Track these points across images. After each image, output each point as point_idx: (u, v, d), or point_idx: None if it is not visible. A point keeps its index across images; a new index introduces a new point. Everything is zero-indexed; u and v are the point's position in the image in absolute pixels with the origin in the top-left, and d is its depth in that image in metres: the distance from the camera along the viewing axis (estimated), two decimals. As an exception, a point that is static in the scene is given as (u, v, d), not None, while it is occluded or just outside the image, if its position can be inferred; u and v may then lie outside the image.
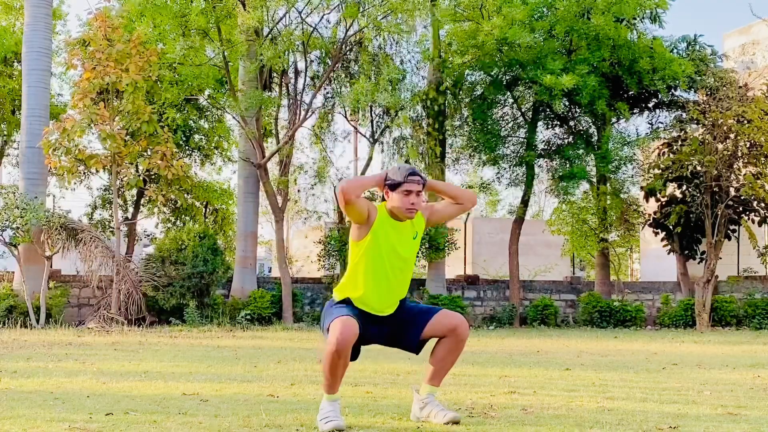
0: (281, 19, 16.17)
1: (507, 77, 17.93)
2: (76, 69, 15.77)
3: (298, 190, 20.23)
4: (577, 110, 18.69)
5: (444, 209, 4.55)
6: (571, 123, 19.11)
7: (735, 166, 16.98)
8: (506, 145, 19.06)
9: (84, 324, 14.38)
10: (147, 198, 17.48)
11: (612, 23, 16.22)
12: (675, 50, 17.95)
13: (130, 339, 11.58)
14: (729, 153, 16.71)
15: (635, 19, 17.38)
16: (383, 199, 4.41)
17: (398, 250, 4.32)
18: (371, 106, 17.63)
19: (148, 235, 19.99)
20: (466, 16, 16.97)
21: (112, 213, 16.83)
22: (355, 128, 19.34)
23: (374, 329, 4.32)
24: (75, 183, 16.31)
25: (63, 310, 14.94)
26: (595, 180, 18.69)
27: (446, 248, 17.44)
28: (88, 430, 4.03)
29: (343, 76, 17.79)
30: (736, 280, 18.80)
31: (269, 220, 26.95)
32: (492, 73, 17.79)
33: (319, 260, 17.75)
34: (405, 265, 4.38)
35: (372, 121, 18.42)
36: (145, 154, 15.26)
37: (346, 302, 4.30)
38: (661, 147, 17.81)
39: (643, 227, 19.44)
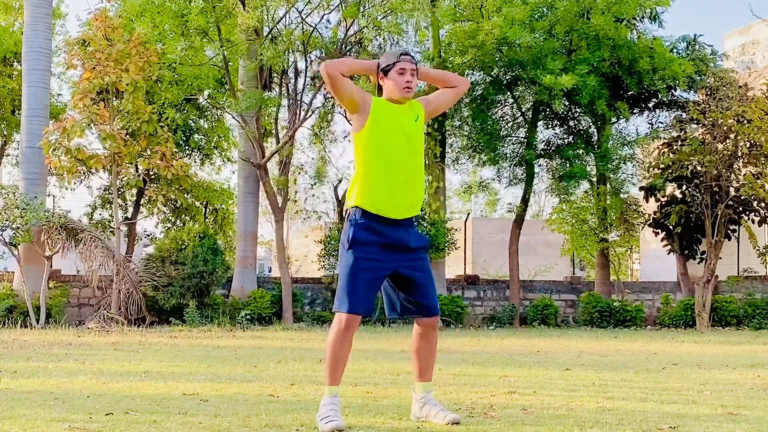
0: (281, 19, 16.18)
1: (507, 77, 17.93)
2: (76, 69, 15.78)
3: (296, 192, 20.24)
4: (577, 110, 18.69)
5: (440, 96, 4.56)
6: (571, 123, 19.11)
7: (735, 166, 16.98)
8: (506, 145, 19.07)
9: (84, 324, 14.38)
10: (147, 198, 17.49)
11: (612, 23, 16.22)
12: (675, 50, 17.95)
13: (130, 339, 11.58)
14: (729, 153, 16.71)
15: (635, 19, 17.39)
16: (379, 94, 4.37)
17: (402, 128, 4.26)
18: (371, 106, 17.60)
19: (148, 235, 20.00)
20: (466, 16, 16.97)
21: (112, 213, 16.83)
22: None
23: (388, 256, 4.21)
24: (75, 183, 16.32)
25: (63, 310, 14.94)
26: (594, 180, 18.69)
27: (446, 248, 17.44)
28: (88, 430, 4.03)
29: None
30: (736, 280, 18.80)
31: (269, 220, 26.96)
32: (492, 73, 17.79)
33: (319, 260, 17.76)
34: (413, 146, 4.29)
35: (372, 121, 18.39)
36: (144, 154, 15.26)
37: (360, 235, 4.19)
38: (661, 147, 17.81)
39: (643, 227, 19.44)
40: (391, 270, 4.27)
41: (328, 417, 4.08)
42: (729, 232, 17.48)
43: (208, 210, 20.45)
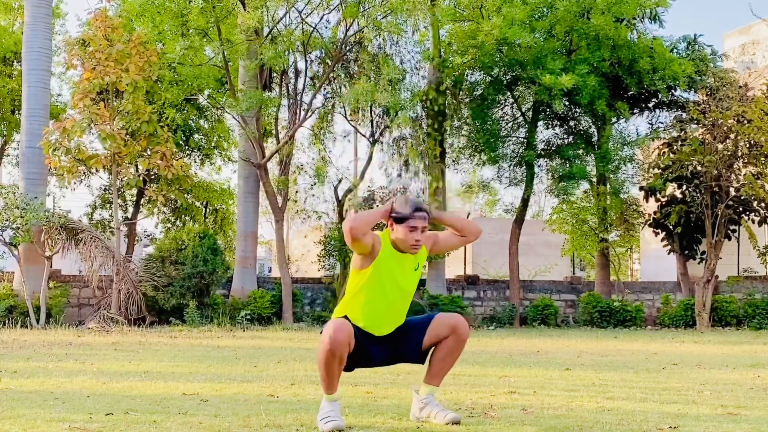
0: (281, 19, 16.18)
1: (507, 77, 17.93)
2: (76, 69, 15.78)
3: (296, 192, 20.23)
4: (577, 110, 18.69)
5: (447, 239, 4.58)
6: (571, 123, 19.11)
7: (735, 166, 16.98)
8: (506, 145, 19.07)
9: (84, 324, 14.38)
10: (147, 198, 17.49)
11: (612, 23, 16.22)
12: (675, 50, 17.95)
13: (130, 339, 11.57)
14: (729, 153, 16.71)
15: (635, 18, 17.39)
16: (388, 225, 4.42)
17: (400, 282, 4.33)
18: (371, 106, 17.63)
19: (148, 235, 20.00)
20: (466, 16, 16.97)
21: (112, 213, 16.83)
22: (355, 128, 19.35)
23: (375, 347, 4.33)
24: (75, 183, 16.32)
25: (63, 310, 14.94)
26: (594, 180, 18.69)
27: (446, 248, 17.40)
28: (88, 430, 4.03)
29: (343, 76, 17.79)
30: (736, 280, 18.80)
31: (269, 220, 26.95)
32: (492, 73, 17.79)
33: (319, 260, 17.75)
34: (406, 297, 4.40)
35: (372, 121, 18.42)
36: (144, 154, 15.26)
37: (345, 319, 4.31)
38: (661, 147, 17.81)
39: (643, 227, 19.44)
40: (378, 352, 4.34)
41: (328, 417, 4.08)
42: (729, 232, 17.48)
43: (208, 210, 20.45)
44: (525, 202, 18.71)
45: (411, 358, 4.43)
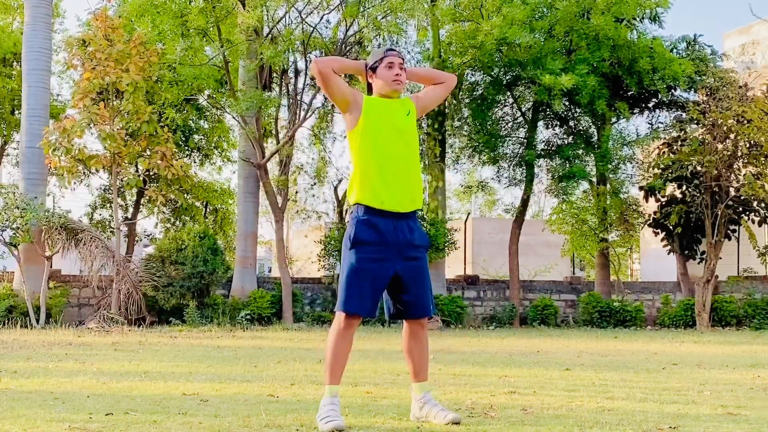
0: (281, 19, 16.18)
1: (507, 77, 17.93)
2: (76, 69, 15.78)
3: (296, 192, 20.24)
4: (577, 110, 18.69)
5: (429, 92, 4.64)
6: (571, 123, 19.11)
7: (735, 166, 16.97)
8: (506, 145, 19.07)
9: (84, 324, 14.38)
10: (147, 198, 17.50)
11: (612, 23, 16.22)
12: (675, 50, 17.95)
13: (130, 339, 11.57)
14: (729, 153, 16.70)
15: (635, 19, 17.39)
16: (369, 93, 4.43)
17: (395, 123, 4.32)
18: (371, 106, 17.61)
19: (148, 235, 20.01)
20: (465, 16, 16.97)
21: (112, 213, 16.83)
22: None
23: (389, 256, 4.22)
24: (75, 183, 16.32)
25: (63, 310, 14.95)
26: (594, 180, 18.69)
27: (446, 248, 17.44)
28: (88, 430, 4.03)
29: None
30: (736, 280, 18.80)
31: (269, 220, 26.96)
32: (492, 73, 17.79)
33: (319, 260, 17.75)
34: (407, 139, 4.35)
35: (372, 121, 18.40)
36: (144, 154, 15.26)
37: (363, 234, 4.20)
38: (660, 147, 17.81)
39: (642, 227, 19.44)
40: (393, 271, 4.27)
41: (328, 417, 4.08)
42: (729, 232, 17.48)
43: (208, 210, 20.45)
44: (525, 202, 18.71)
45: (388, 306, 4.40)
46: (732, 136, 16.76)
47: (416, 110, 4.50)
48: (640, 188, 18.44)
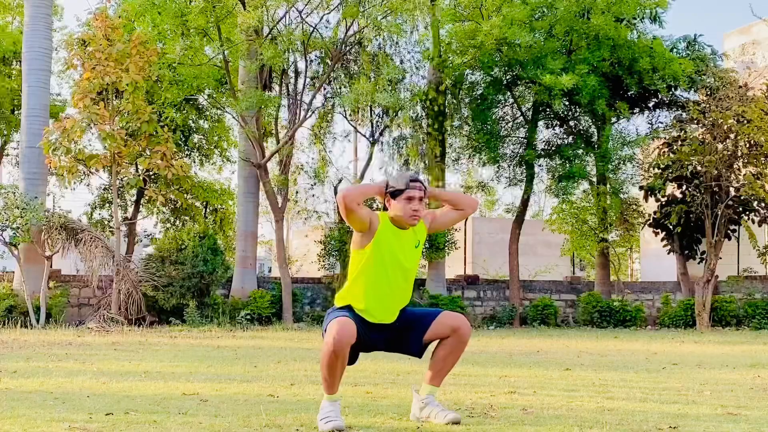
0: (281, 18, 16.17)
1: (507, 77, 17.93)
2: (76, 69, 15.78)
3: (296, 192, 20.24)
4: (577, 110, 18.69)
5: (445, 215, 4.57)
6: (571, 123, 19.11)
7: (735, 166, 16.97)
8: (506, 145, 19.07)
9: (84, 324, 14.37)
10: (147, 198, 17.50)
11: (612, 23, 16.22)
12: (675, 50, 17.96)
13: (130, 339, 11.57)
14: (729, 153, 16.70)
15: (635, 18, 17.39)
16: (384, 209, 4.39)
17: (400, 259, 4.31)
18: (371, 106, 17.63)
19: (148, 235, 20.00)
20: (465, 16, 16.97)
21: (112, 213, 16.83)
22: (355, 128, 19.36)
23: (375, 335, 4.32)
24: (75, 183, 16.31)
25: (63, 310, 14.94)
26: (594, 180, 18.69)
27: (446, 248, 17.44)
28: (88, 430, 4.03)
29: (343, 76, 17.79)
30: (736, 280, 18.79)
31: (269, 220, 26.94)
32: (492, 73, 17.79)
33: (319, 260, 17.75)
34: (407, 275, 4.38)
35: (372, 121, 18.43)
36: (144, 154, 15.26)
37: (348, 308, 4.30)
38: (661, 147, 17.81)
39: (643, 227, 19.43)
40: (379, 338, 4.33)
41: (328, 417, 4.08)
42: (729, 232, 17.47)
43: (208, 210, 20.44)
44: (525, 202, 18.71)
45: (410, 351, 4.42)
46: (732, 136, 16.76)
47: (427, 233, 4.49)
48: (640, 188, 18.44)
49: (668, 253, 18.59)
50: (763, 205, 16.92)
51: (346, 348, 4.04)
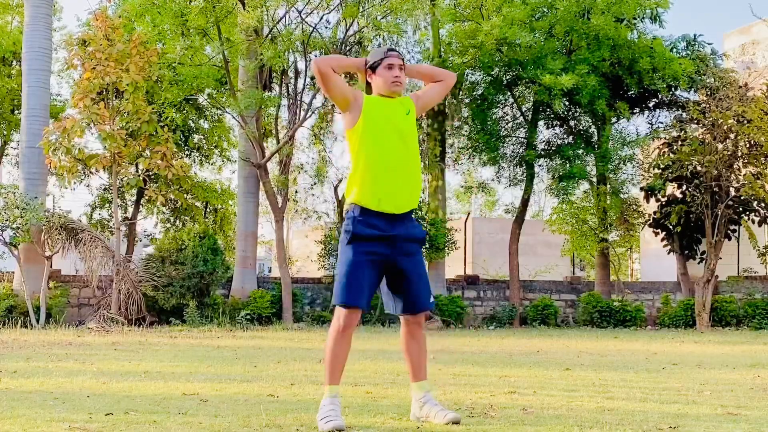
0: (281, 19, 16.18)
1: (507, 77, 17.93)
2: (76, 69, 15.78)
3: (296, 192, 20.24)
4: (577, 110, 18.68)
5: (429, 90, 4.63)
6: (571, 123, 19.11)
7: (735, 166, 16.97)
8: (506, 145, 19.06)
9: (84, 324, 14.38)
10: (147, 198, 17.50)
11: (612, 23, 16.22)
12: (675, 50, 17.95)
13: (130, 339, 11.57)
14: (729, 153, 16.70)
15: (635, 18, 17.39)
16: (368, 93, 4.42)
17: (396, 123, 4.31)
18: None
19: (148, 235, 20.00)
20: (465, 16, 16.97)
21: (112, 213, 16.83)
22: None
23: (384, 260, 4.24)
24: (75, 183, 16.31)
25: (63, 310, 14.94)
26: (594, 180, 18.69)
27: (446, 248, 17.44)
28: (88, 430, 4.03)
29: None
30: (736, 280, 18.79)
31: (269, 220, 26.96)
32: (492, 73, 17.79)
33: (319, 260, 17.75)
34: (407, 140, 4.34)
35: (372, 121, 18.40)
36: (144, 154, 15.26)
37: (359, 229, 4.21)
38: (661, 147, 17.81)
39: (643, 227, 19.43)
40: (391, 265, 4.30)
41: (328, 417, 4.08)
42: (729, 232, 17.48)
43: (208, 210, 20.45)
44: (525, 202, 18.71)
45: (388, 302, 4.40)
46: (732, 136, 16.76)
47: (416, 109, 4.50)
48: (641, 188, 18.44)
49: (668, 253, 18.59)
50: (763, 205, 16.92)
51: (353, 326, 4.20)
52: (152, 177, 16.85)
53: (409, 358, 4.43)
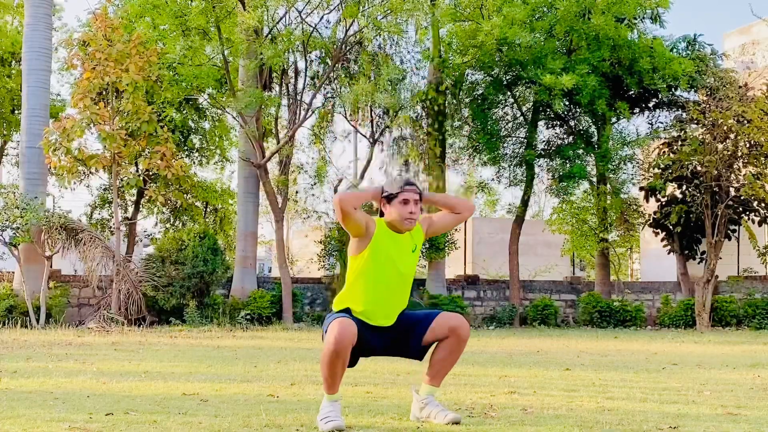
0: (281, 18, 16.17)
1: (507, 77, 17.93)
2: (76, 69, 15.78)
3: (296, 192, 20.23)
4: (577, 110, 18.69)
5: (442, 219, 4.57)
6: (571, 123, 19.11)
7: (735, 166, 16.97)
8: (506, 145, 19.07)
9: (84, 324, 14.38)
10: (147, 198, 17.50)
11: (612, 23, 16.22)
12: (675, 50, 17.96)
13: (130, 339, 11.57)
14: (729, 153, 16.70)
15: (635, 18, 17.39)
16: (381, 215, 4.40)
17: (397, 264, 4.31)
18: (371, 106, 17.63)
19: (148, 235, 19.99)
20: (466, 16, 16.98)
21: (112, 213, 16.83)
22: (355, 128, 19.35)
23: (375, 339, 4.31)
24: (75, 183, 16.30)
25: (63, 310, 14.94)
26: (595, 180, 18.69)
27: (446, 248, 17.44)
28: (88, 430, 4.03)
29: (343, 76, 17.79)
30: (736, 280, 18.79)
31: (269, 220, 26.95)
32: (492, 73, 17.79)
33: (319, 260, 17.75)
34: (404, 280, 4.38)
35: (372, 121, 18.42)
36: (144, 154, 15.25)
37: (347, 311, 4.30)
38: (661, 147, 17.81)
39: (643, 227, 19.43)
40: (378, 341, 4.32)
41: (328, 417, 4.08)
42: (729, 232, 17.48)
43: (208, 210, 20.44)
44: (525, 202, 18.70)
45: (411, 354, 4.42)
46: (732, 136, 16.76)
47: (424, 237, 4.49)
48: (641, 188, 18.43)
49: (668, 253, 18.59)
50: (763, 205, 16.92)
51: (347, 348, 4.05)
52: (152, 177, 16.85)
53: (436, 365, 4.39)
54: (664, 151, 17.60)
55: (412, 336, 4.36)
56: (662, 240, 18.30)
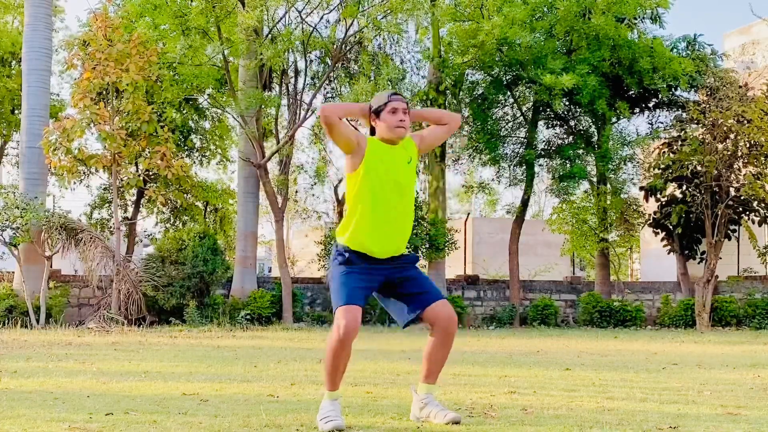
0: (281, 18, 16.18)
1: (507, 77, 17.93)
2: (76, 69, 15.78)
3: (296, 192, 20.24)
4: (577, 110, 18.68)
5: (432, 132, 4.61)
6: (571, 123, 19.11)
7: (735, 166, 16.97)
8: (506, 145, 19.06)
9: (84, 324, 14.38)
10: (147, 198, 17.51)
11: (612, 23, 16.22)
12: (675, 50, 17.94)
13: (130, 339, 11.57)
14: (729, 153, 16.70)
15: (636, 18, 17.38)
16: (372, 133, 4.41)
17: (394, 175, 4.29)
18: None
19: (148, 235, 20.00)
20: (466, 16, 16.97)
21: (112, 213, 16.83)
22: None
23: (377, 275, 4.27)
24: (75, 183, 16.31)
25: (63, 310, 14.94)
26: (595, 180, 18.69)
27: (446, 248, 17.43)
28: (88, 430, 4.03)
29: (343, 75, 17.79)
30: (736, 280, 18.79)
31: (269, 220, 26.96)
32: (492, 73, 17.78)
33: (320, 260, 17.74)
34: (403, 191, 4.34)
35: (372, 121, 18.40)
36: (144, 154, 15.25)
37: (350, 258, 4.25)
38: (661, 147, 17.81)
39: (643, 227, 19.43)
40: (383, 277, 4.30)
41: (328, 417, 4.08)
42: (729, 232, 17.48)
43: (208, 210, 20.45)
44: (525, 202, 18.70)
45: (400, 316, 4.40)
46: (732, 136, 16.76)
47: (418, 152, 4.48)
48: (641, 188, 18.43)
49: (668, 253, 18.59)
50: (763, 205, 16.92)
51: (352, 338, 4.07)
52: (152, 177, 16.86)
53: (428, 362, 4.39)
54: (664, 151, 17.60)
55: (412, 302, 4.32)
56: (662, 240, 18.30)
